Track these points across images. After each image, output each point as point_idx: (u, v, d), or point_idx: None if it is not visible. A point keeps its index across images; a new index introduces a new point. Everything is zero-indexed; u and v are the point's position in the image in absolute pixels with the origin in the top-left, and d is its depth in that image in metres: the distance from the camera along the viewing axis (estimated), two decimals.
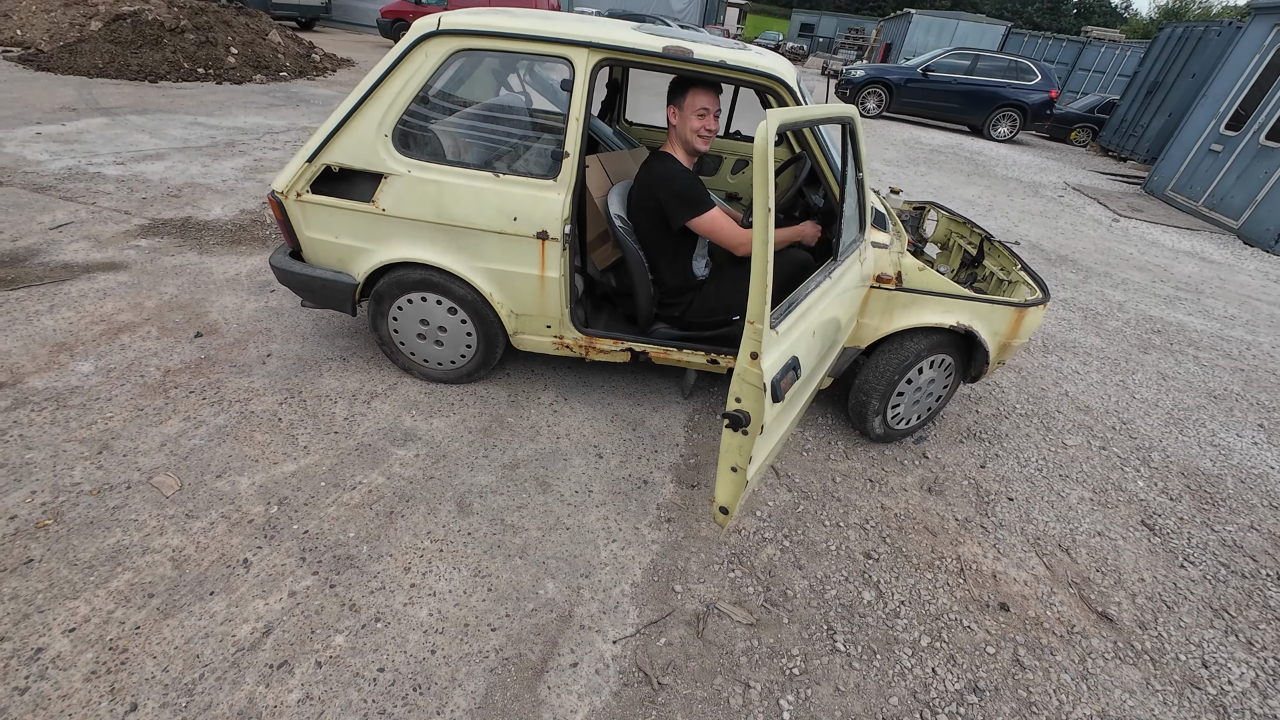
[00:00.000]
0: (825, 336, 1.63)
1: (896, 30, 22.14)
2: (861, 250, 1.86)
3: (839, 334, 1.82)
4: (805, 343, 1.46)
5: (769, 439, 1.40)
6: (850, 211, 1.73)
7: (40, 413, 2.00)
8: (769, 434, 1.37)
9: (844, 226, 1.67)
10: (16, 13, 8.44)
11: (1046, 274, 4.74)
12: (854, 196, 1.79)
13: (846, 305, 1.78)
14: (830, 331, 1.68)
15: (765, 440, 1.37)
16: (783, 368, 1.32)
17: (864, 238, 1.90)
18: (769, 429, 1.35)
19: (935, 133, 12.06)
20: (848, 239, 1.73)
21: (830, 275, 1.61)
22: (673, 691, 1.44)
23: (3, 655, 1.31)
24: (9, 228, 3.19)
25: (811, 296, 1.51)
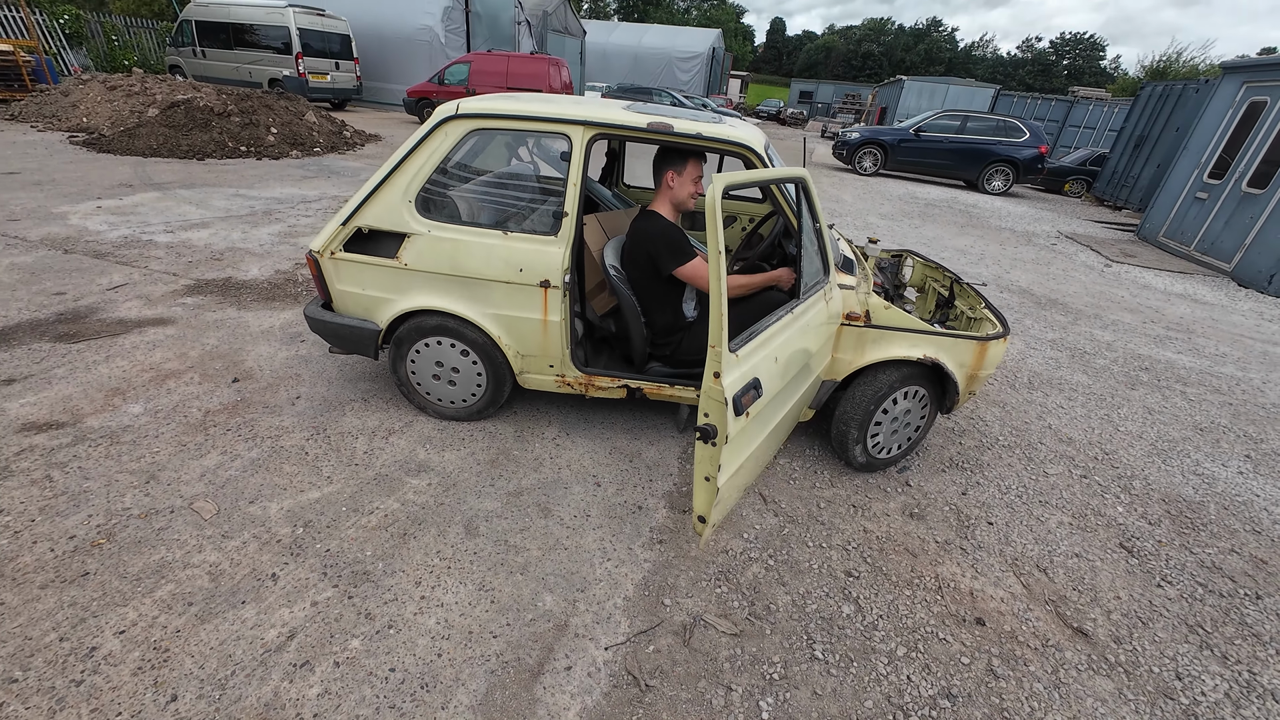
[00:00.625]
0: (793, 363, 1.83)
1: (891, 95, 23.35)
2: (827, 290, 2.08)
3: (811, 362, 2.01)
4: (767, 366, 1.65)
5: (736, 450, 1.57)
6: (810, 255, 1.96)
7: (96, 448, 2.23)
8: (736, 445, 1.55)
9: (804, 269, 1.90)
10: (83, 103, 9.39)
11: (1035, 317, 4.91)
12: (813, 243, 2.02)
13: (816, 338, 1.98)
14: (799, 360, 1.87)
15: (733, 451, 1.54)
16: (744, 386, 1.51)
17: (828, 279, 2.12)
18: (735, 440, 1.52)
19: (930, 188, 12.56)
20: (809, 280, 1.95)
21: (793, 311, 1.83)
22: (659, 693, 1.55)
23: (62, 653, 1.48)
24: (72, 289, 3.55)
25: (773, 328, 1.72)
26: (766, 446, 1.90)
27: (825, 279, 2.11)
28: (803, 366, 1.94)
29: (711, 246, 1.33)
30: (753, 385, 1.56)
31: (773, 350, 1.69)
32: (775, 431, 1.92)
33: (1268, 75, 7.26)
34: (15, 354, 2.82)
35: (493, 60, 13.78)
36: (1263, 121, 7.07)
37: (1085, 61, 67.79)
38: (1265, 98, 7.17)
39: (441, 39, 16.04)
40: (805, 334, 1.89)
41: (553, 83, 13.68)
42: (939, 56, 71.83)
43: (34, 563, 1.73)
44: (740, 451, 1.61)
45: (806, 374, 2.02)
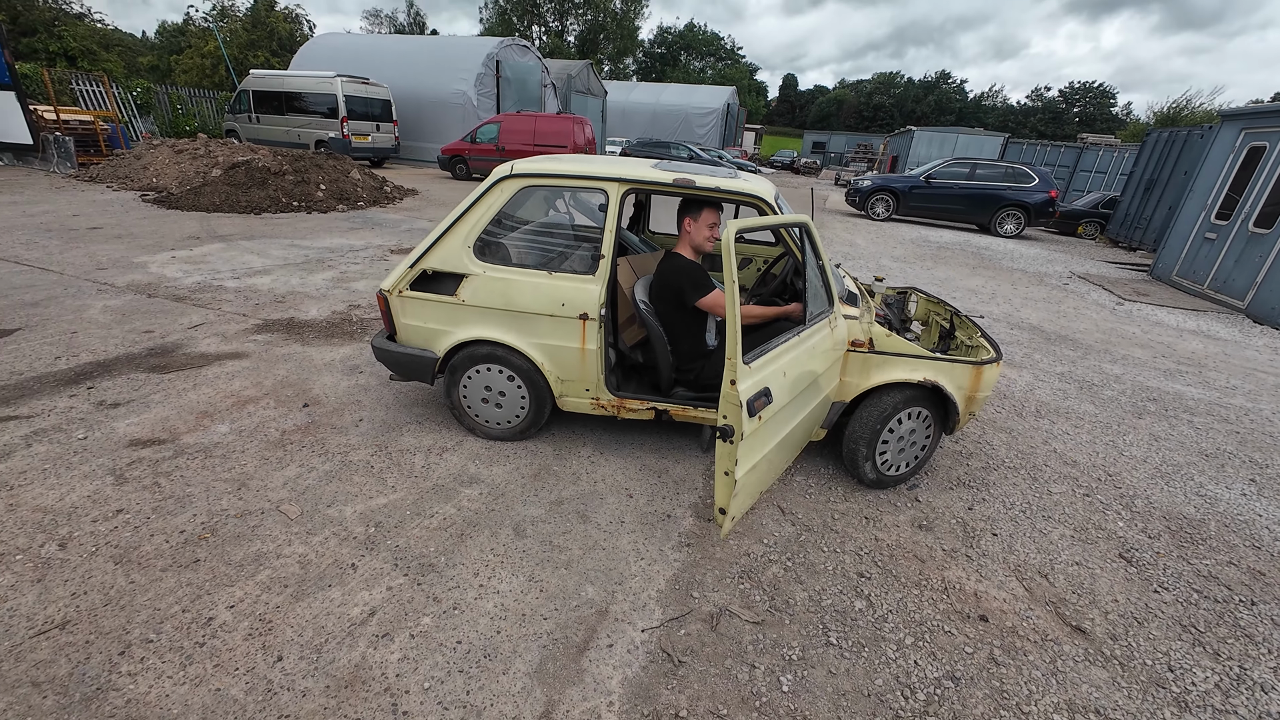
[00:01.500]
0: (800, 380, 2.10)
1: (902, 145, 24.12)
2: (831, 319, 2.36)
3: (819, 381, 2.27)
4: (776, 379, 1.93)
5: (750, 449, 1.82)
6: (813, 289, 2.26)
7: (194, 460, 2.56)
8: (750, 444, 1.80)
9: (809, 300, 2.19)
10: (153, 165, 10.33)
11: (1045, 352, 5.09)
12: (817, 278, 2.32)
13: (822, 360, 2.25)
14: (806, 378, 2.14)
15: (748, 449, 1.80)
16: (756, 393, 1.78)
17: (832, 310, 2.40)
18: (750, 439, 1.78)
19: (943, 232, 12.89)
20: (814, 309, 2.24)
21: (799, 334, 2.11)
22: (690, 668, 1.76)
23: (185, 620, 1.75)
24: (158, 328, 4.00)
25: (781, 347, 2.00)
26: (780, 453, 2.15)
27: (829, 309, 2.39)
28: (810, 384, 2.20)
29: (727, 277, 1.64)
30: (764, 393, 1.83)
31: (781, 365, 1.97)
32: (788, 440, 2.17)
33: (1265, 122, 7.55)
34: (117, 382, 3.21)
35: (521, 120, 14.75)
36: (1264, 165, 7.32)
37: (1096, 109, 68.96)
38: (1264, 143, 7.44)
39: (474, 102, 17.24)
40: (812, 356, 2.17)
41: (576, 139, 14.54)
42: (949, 107, 73.72)
43: (153, 551, 2.03)
44: (755, 451, 1.86)
45: (815, 391, 2.28)
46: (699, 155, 19.45)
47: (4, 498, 2.24)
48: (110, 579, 1.90)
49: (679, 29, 56.70)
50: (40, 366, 3.31)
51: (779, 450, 2.12)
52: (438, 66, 17.87)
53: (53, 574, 1.90)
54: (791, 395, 2.06)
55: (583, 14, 43.64)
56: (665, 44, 56.30)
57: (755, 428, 1.81)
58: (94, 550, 2.01)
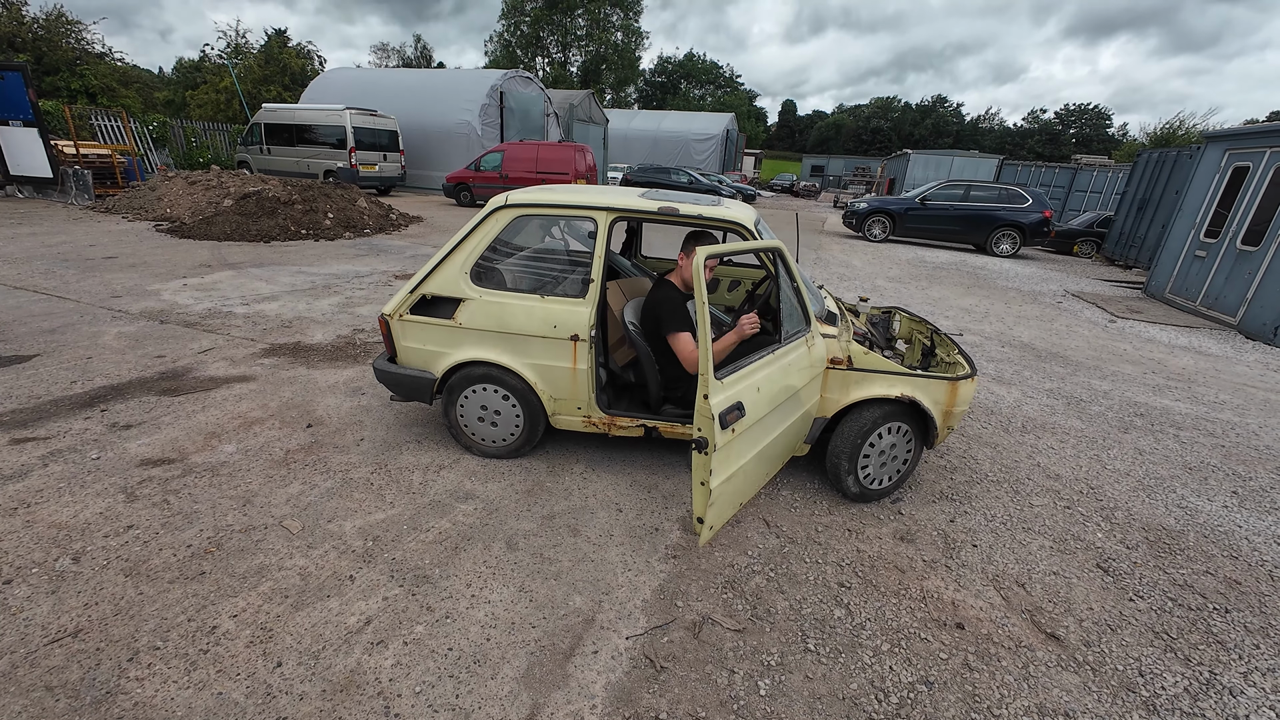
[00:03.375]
0: (777, 395, 2.20)
1: (898, 167, 24.51)
2: (809, 338, 2.47)
3: (799, 395, 2.37)
4: (749, 395, 2.03)
5: (725, 460, 1.92)
6: (788, 309, 2.37)
7: (201, 478, 2.67)
8: (725, 455, 1.90)
9: (785, 319, 2.31)
10: (167, 196, 10.65)
11: (1034, 369, 5.17)
12: (792, 299, 2.44)
13: (800, 376, 2.36)
14: (783, 393, 2.24)
15: (723, 460, 1.89)
16: (729, 407, 1.89)
17: (809, 329, 2.52)
18: (724, 450, 1.88)
19: (940, 252, 13.06)
20: (790, 328, 2.36)
21: (774, 352, 2.22)
22: (672, 673, 1.83)
23: (191, 629, 1.84)
24: (169, 353, 4.15)
25: (754, 364, 2.11)
26: (759, 465, 2.24)
27: (806, 328, 2.50)
28: (788, 399, 2.31)
29: (698, 298, 1.76)
30: (736, 407, 1.94)
31: (754, 381, 2.08)
32: (767, 452, 2.26)
33: (1248, 143, 7.73)
34: (129, 405, 3.34)
35: (524, 148, 15.13)
36: (1248, 185, 7.46)
37: (1093, 130, 69.86)
38: (1248, 163, 7.60)
39: (478, 131, 17.71)
40: (788, 372, 2.28)
41: (577, 166, 14.89)
42: (946, 129, 74.79)
43: (161, 564, 2.12)
44: (730, 462, 1.96)
45: (794, 406, 2.38)
46: (698, 180, 19.82)
47: (21, 515, 2.35)
48: (120, 590, 1.99)
49: (679, 58, 58.29)
50: (57, 390, 3.45)
51: (757, 462, 2.21)
52: (443, 98, 18.41)
53: (66, 586, 2.00)
54: (767, 410, 2.16)
55: (585, 45, 44.91)
56: (666, 73, 57.78)
57: (728, 440, 1.91)
58: (105, 564, 2.11)
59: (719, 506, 1.98)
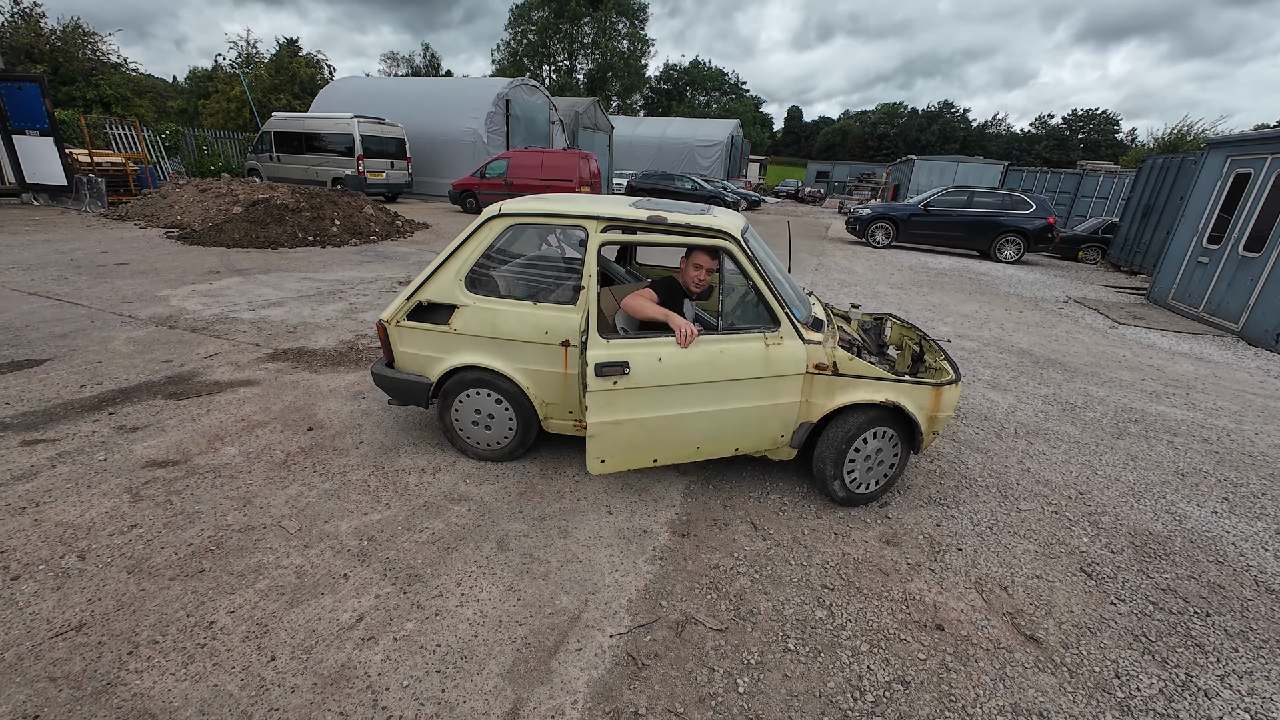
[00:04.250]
0: (695, 373, 2.49)
1: (903, 173, 24.53)
2: (772, 337, 2.58)
3: (750, 387, 2.58)
4: (646, 362, 2.43)
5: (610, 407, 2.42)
6: (732, 304, 2.69)
7: (204, 480, 2.75)
8: (609, 401, 2.41)
9: (725, 313, 2.63)
10: (178, 204, 10.85)
11: (1031, 375, 5.19)
12: (742, 296, 2.72)
13: (749, 368, 2.55)
14: (709, 374, 2.50)
15: (605, 404, 2.41)
16: (610, 361, 2.38)
17: (776, 328, 2.60)
18: (607, 396, 2.40)
19: (943, 258, 13.07)
20: (738, 322, 2.68)
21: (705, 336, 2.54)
22: (653, 670, 1.87)
23: (190, 624, 1.91)
24: (176, 357, 4.25)
25: (660, 340, 2.49)
26: (677, 431, 2.56)
27: (771, 327, 2.60)
28: (724, 383, 2.53)
29: (586, 271, 2.43)
30: (620, 364, 2.39)
31: (656, 353, 2.46)
32: (692, 425, 2.56)
33: (1249, 149, 7.72)
34: (136, 408, 3.43)
35: (529, 156, 15.28)
36: (1249, 191, 7.45)
37: (1100, 135, 69.50)
38: (1249, 169, 7.59)
39: (484, 139, 17.91)
40: (722, 358, 2.50)
41: (582, 173, 15.01)
42: (953, 135, 74.61)
43: (163, 562, 2.20)
44: (616, 409, 2.43)
45: (740, 395, 2.57)
46: (702, 187, 19.93)
47: (30, 514, 2.43)
48: (123, 587, 2.07)
49: (684, 66, 58.56)
50: (67, 394, 3.55)
51: (674, 428, 2.55)
52: (450, 106, 18.63)
53: (71, 582, 2.08)
54: (677, 381, 2.47)
55: (592, 54, 45.28)
56: (671, 80, 58.06)
57: (609, 388, 2.39)
58: (109, 561, 2.19)
59: (604, 442, 2.46)
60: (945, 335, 6.35)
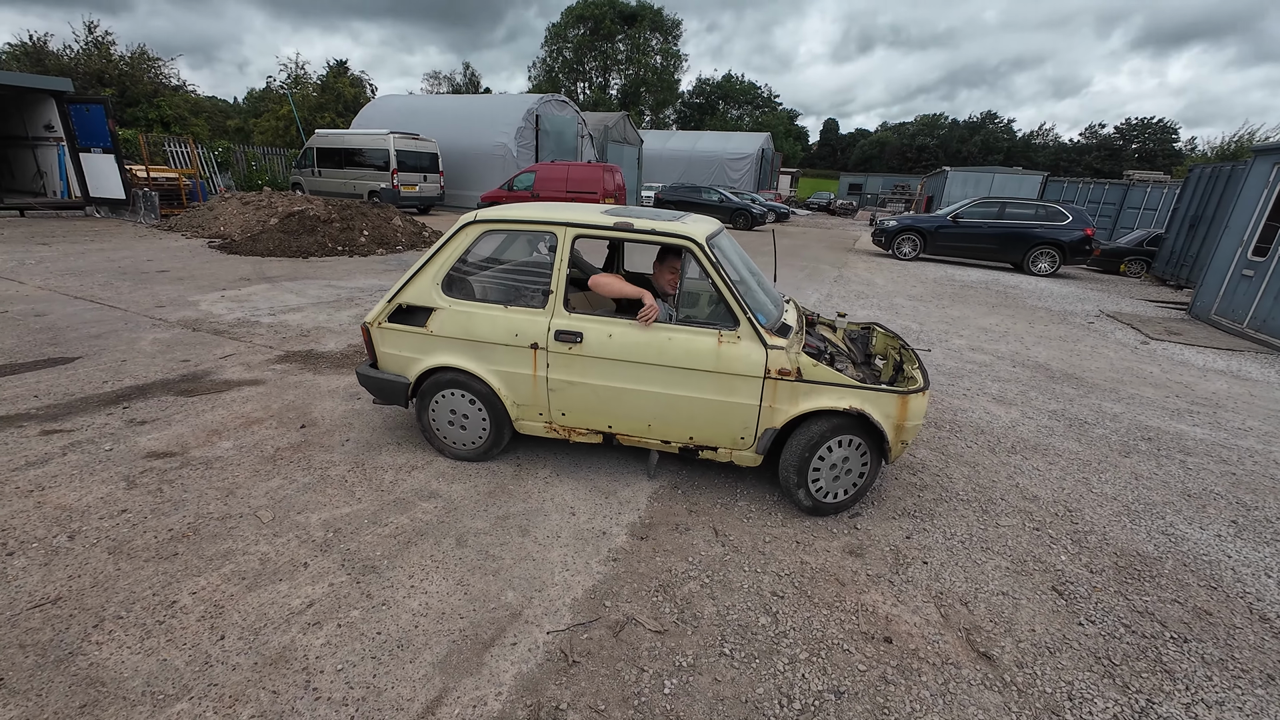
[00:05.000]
0: (640, 353, 2.69)
1: (936, 185, 23.98)
2: (728, 336, 2.64)
3: (697, 379, 2.69)
4: (598, 335, 2.72)
5: (567, 367, 2.79)
6: (688, 299, 2.99)
7: (195, 471, 2.91)
8: (566, 363, 2.78)
9: (680, 305, 2.78)
10: (222, 216, 11.50)
11: (1042, 389, 4.99)
12: (703, 294, 2.98)
13: (698, 360, 2.66)
14: (654, 356, 2.69)
15: (563, 365, 2.79)
16: (568, 330, 2.74)
17: (734, 329, 2.64)
18: (564, 358, 2.77)
19: (972, 271, 12.70)
20: (693, 315, 2.93)
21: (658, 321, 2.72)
22: (582, 667, 1.89)
23: (154, 603, 2.03)
24: (194, 357, 4.50)
25: (615, 320, 2.73)
26: (624, 404, 2.79)
27: (730, 327, 2.65)
28: (670, 369, 2.68)
29: (557, 259, 2.59)
30: (576, 334, 2.72)
31: (608, 329, 2.72)
32: (638, 402, 2.76)
33: None
34: (149, 403, 3.66)
35: (555, 169, 15.62)
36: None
37: (1156, 144, 66.43)
38: None
39: (514, 153, 18.40)
40: (670, 345, 2.67)
41: (606, 185, 15.25)
42: (996, 146, 72.54)
43: (143, 545, 2.34)
44: (572, 371, 2.78)
45: (685, 383, 2.70)
46: (728, 199, 19.94)
47: (34, 497, 2.63)
48: (102, 566, 2.21)
49: (717, 80, 58.87)
50: (89, 389, 3.82)
51: (615, 399, 2.79)
52: (482, 122, 19.24)
53: (58, 560, 2.23)
54: (623, 357, 2.70)
55: (625, 69, 46.02)
56: (704, 94, 58.44)
57: (565, 352, 2.75)
58: (95, 542, 2.34)
59: (563, 397, 2.84)
60: (958, 348, 6.18)
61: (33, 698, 1.66)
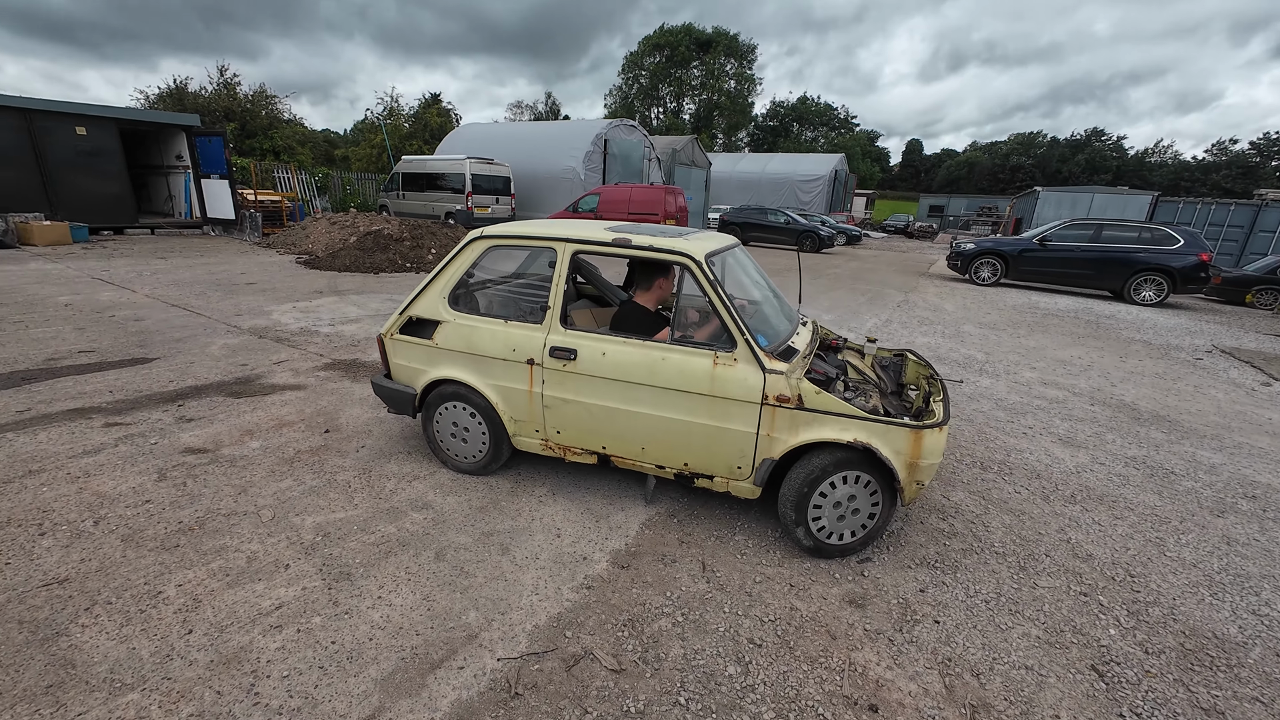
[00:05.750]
0: (633, 372, 2.60)
1: (1027, 206, 22.31)
2: (724, 357, 2.48)
3: (691, 402, 2.55)
4: (592, 353, 2.65)
5: (561, 384, 2.73)
6: (681, 320, 2.80)
7: (221, 468, 3.10)
8: (560, 380, 2.72)
9: (674, 325, 2.68)
10: (313, 234, 12.55)
11: (1123, 432, 4.40)
12: (695, 313, 2.81)
13: (690, 381, 2.53)
14: (645, 376, 2.59)
15: (557, 382, 2.73)
16: (562, 346, 2.69)
17: (731, 351, 2.48)
18: (558, 374, 2.72)
19: (1062, 298, 11.62)
20: (688, 333, 2.74)
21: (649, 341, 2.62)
22: (524, 701, 1.79)
23: (141, 591, 2.14)
24: (251, 362, 4.86)
25: (609, 337, 2.67)
26: (616, 424, 2.70)
27: (726, 348, 2.49)
28: (662, 389, 2.57)
29: (556, 277, 2.52)
30: (569, 350, 2.68)
31: (601, 347, 2.65)
32: (630, 423, 2.67)
33: None
34: (201, 403, 3.96)
35: (618, 190, 15.92)
36: None
37: None
38: None
39: (581, 176, 18.95)
40: (663, 365, 2.56)
41: (668, 207, 15.34)
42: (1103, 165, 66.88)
43: (153, 535, 2.49)
44: (565, 388, 2.73)
45: (677, 405, 2.57)
46: (795, 220, 19.51)
47: (80, 483, 2.88)
48: (112, 552, 2.37)
49: (792, 102, 58.26)
50: (155, 387, 4.19)
51: (608, 418, 2.71)
52: (553, 146, 20.01)
53: (78, 543, 2.41)
54: (615, 375, 2.62)
55: (699, 95, 46.61)
56: (778, 116, 57.98)
57: (559, 369, 2.71)
58: (113, 529, 2.52)
59: (558, 414, 2.79)
60: (1026, 381, 5.60)
61: (11, 672, 1.77)
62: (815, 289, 10.73)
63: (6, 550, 2.34)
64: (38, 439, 3.30)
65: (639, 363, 2.59)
